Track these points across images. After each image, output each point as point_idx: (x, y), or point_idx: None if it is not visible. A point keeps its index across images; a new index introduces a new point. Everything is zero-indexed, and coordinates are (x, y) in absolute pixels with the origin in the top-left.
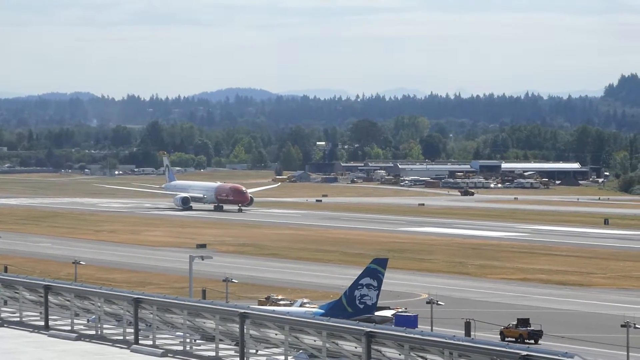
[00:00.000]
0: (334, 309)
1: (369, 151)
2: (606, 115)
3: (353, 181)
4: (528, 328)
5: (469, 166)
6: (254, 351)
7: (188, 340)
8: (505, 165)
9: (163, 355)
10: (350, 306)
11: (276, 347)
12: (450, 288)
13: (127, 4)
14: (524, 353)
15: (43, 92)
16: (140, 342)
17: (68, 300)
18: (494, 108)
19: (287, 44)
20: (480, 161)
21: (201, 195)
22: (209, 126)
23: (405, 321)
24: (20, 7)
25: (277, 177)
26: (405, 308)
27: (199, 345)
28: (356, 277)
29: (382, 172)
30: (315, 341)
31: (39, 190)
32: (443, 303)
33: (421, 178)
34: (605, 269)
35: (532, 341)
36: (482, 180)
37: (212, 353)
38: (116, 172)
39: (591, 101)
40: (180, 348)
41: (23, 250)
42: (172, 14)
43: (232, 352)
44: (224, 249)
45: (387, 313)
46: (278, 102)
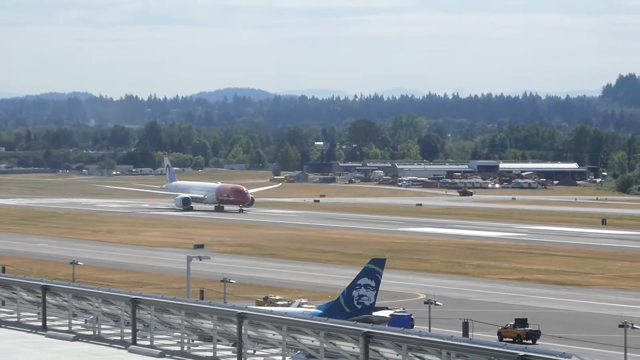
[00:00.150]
0: (332, 310)
1: (367, 151)
2: (604, 115)
3: (351, 181)
4: (526, 328)
5: (467, 166)
6: (252, 351)
7: (186, 340)
8: (503, 165)
9: (161, 355)
10: (348, 306)
11: (274, 348)
12: (448, 288)
13: (125, 4)
14: (522, 353)
15: (41, 92)
16: (137, 343)
17: (66, 300)
18: (492, 108)
19: (285, 44)
20: (478, 161)
21: (202, 195)
22: (207, 126)
23: (399, 321)
24: (19, 7)
25: (275, 177)
26: (403, 308)
27: (197, 345)
28: (354, 278)
29: (380, 172)
30: (313, 341)
31: (37, 190)
32: (441, 303)
33: (419, 178)
34: (602, 269)
35: (530, 341)
36: (480, 180)
37: (210, 353)
38: (114, 173)
39: (589, 101)
40: (178, 348)
41: (21, 250)
42: (170, 14)
43: (230, 353)
44: (222, 249)
45: (385, 313)
46: (276, 102)
